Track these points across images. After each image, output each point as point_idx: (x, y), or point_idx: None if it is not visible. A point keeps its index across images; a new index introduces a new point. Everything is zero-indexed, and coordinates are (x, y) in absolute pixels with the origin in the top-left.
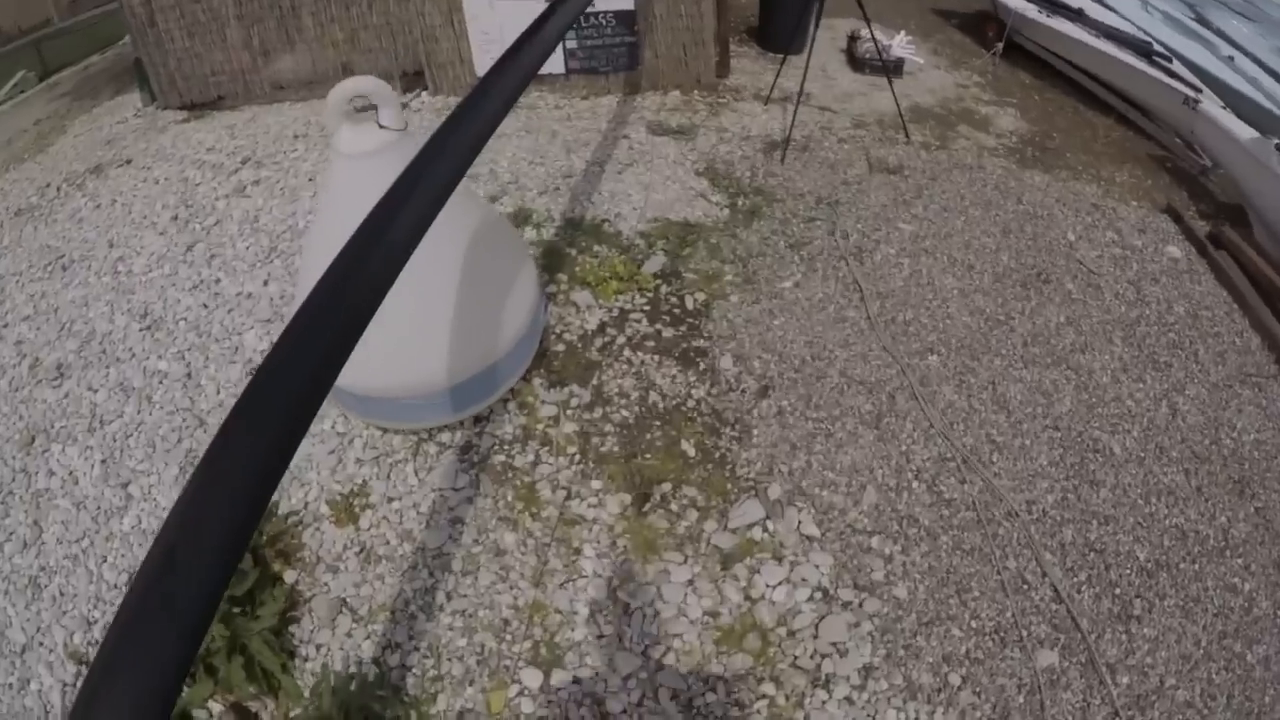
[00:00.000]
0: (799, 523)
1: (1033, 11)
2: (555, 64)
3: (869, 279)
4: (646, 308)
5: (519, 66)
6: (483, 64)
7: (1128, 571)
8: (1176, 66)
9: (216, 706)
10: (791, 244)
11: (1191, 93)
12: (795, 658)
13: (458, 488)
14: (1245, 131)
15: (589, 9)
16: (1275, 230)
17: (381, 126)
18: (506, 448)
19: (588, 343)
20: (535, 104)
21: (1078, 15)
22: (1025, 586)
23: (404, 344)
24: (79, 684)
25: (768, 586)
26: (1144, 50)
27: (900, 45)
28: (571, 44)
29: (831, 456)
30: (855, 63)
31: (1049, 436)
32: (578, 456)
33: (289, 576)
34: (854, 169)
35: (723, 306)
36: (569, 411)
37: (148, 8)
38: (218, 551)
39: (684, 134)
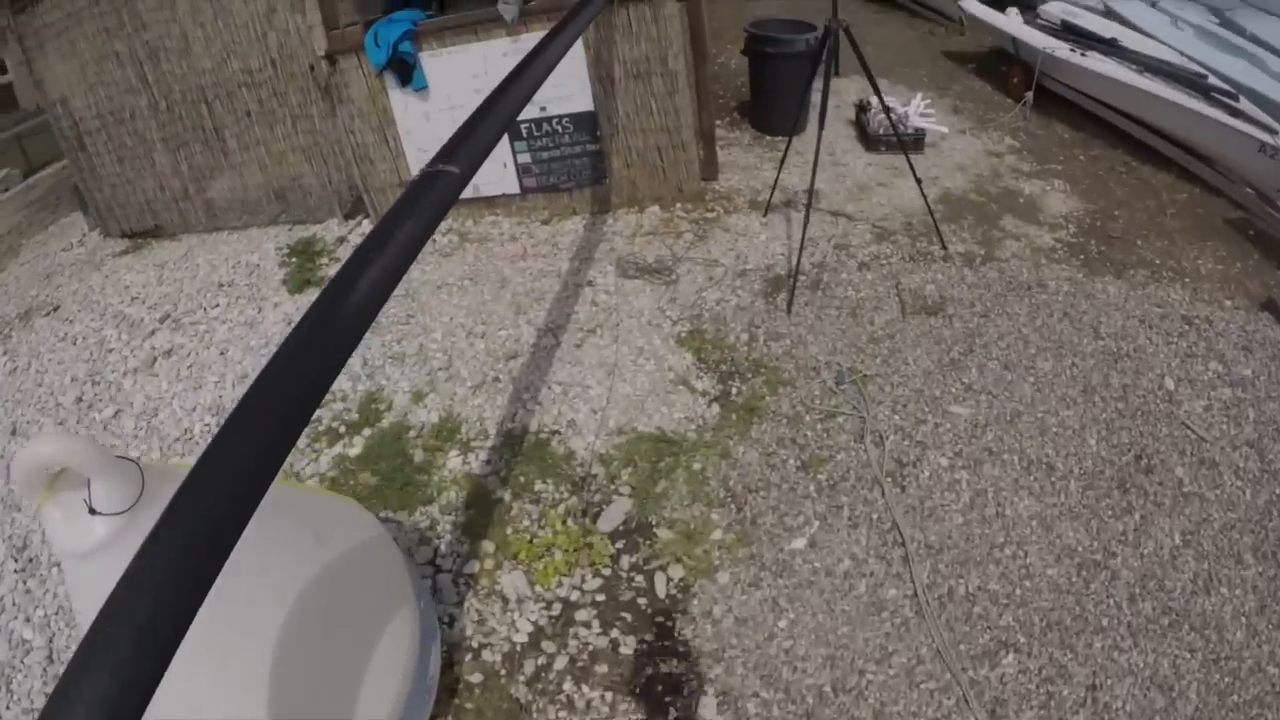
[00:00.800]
0: None
1: (1064, 51)
2: (509, 183)
3: (914, 518)
4: (600, 597)
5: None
6: None
7: None
8: (1244, 105)
9: None
10: (805, 462)
11: (1268, 137)
12: None
13: None
14: None
15: (541, 115)
16: None
17: (93, 511)
18: None
19: (515, 667)
20: (488, 234)
21: (1112, 47)
22: None
23: None
24: None
25: None
26: (1199, 86)
27: (918, 113)
28: (525, 158)
29: None
30: (868, 140)
31: None
32: None
33: None
34: (883, 312)
35: (708, 594)
36: None
37: (75, 130)
38: None
39: (662, 274)
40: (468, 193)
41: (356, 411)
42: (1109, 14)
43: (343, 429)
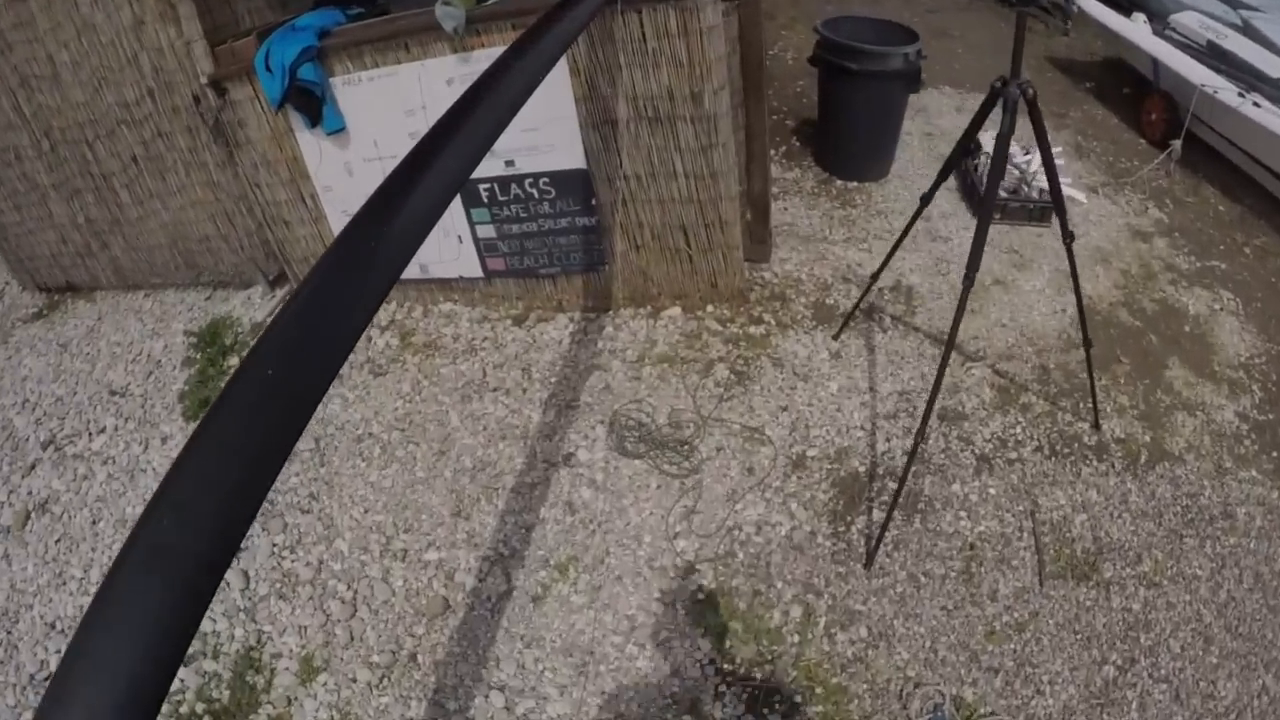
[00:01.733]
0: None
1: (1229, 94)
2: (467, 263)
3: None
4: None
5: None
6: None
7: None
8: None
9: None
10: None
11: None
12: None
13: None
14: None
15: (507, 172)
16: None
17: None
18: None
19: None
20: (438, 336)
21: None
22: None
23: None
24: None
25: None
26: None
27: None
28: (487, 231)
29: None
30: (973, 200)
31: None
32: None
33: None
34: (1010, 571)
35: None
36: None
37: None
38: None
39: (677, 454)
40: (413, 273)
41: (227, 685)
42: (1247, 30)
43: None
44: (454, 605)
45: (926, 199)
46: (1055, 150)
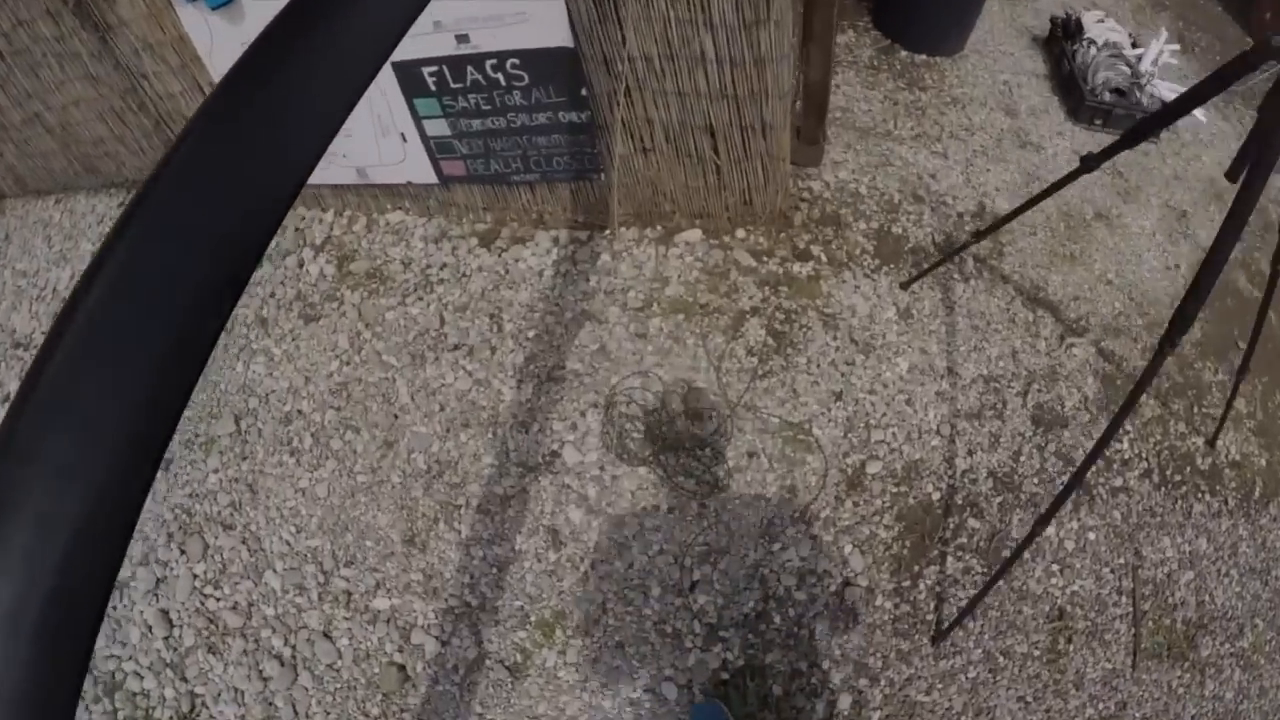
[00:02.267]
0: None
1: None
2: (416, 167)
3: None
4: None
5: None
6: None
7: None
8: None
9: None
10: None
11: None
12: None
13: None
14: None
15: (463, 50)
16: None
17: None
18: None
19: None
20: (385, 263)
21: None
22: None
23: None
24: None
25: None
26: None
27: (1160, 64)
28: (438, 127)
29: None
30: (1072, 99)
31: None
32: None
33: None
34: (1101, 649)
35: None
36: None
37: None
38: None
39: (694, 462)
40: (348, 177)
41: None
42: None
43: None
44: (413, 677)
45: (1090, 165)
46: (1176, 51)
